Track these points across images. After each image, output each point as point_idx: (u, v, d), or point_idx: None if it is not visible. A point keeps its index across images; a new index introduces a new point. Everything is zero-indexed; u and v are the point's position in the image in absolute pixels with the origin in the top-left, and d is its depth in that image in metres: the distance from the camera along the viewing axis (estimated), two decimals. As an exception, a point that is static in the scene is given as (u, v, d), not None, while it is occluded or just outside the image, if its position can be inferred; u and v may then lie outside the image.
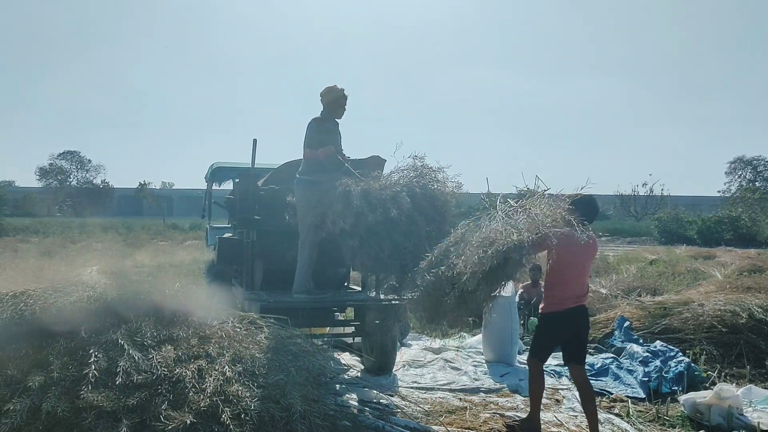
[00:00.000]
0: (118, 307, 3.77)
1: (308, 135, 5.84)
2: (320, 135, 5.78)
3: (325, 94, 5.90)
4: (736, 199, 43.63)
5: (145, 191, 58.96)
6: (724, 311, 7.02)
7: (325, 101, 5.91)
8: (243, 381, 3.46)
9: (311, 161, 5.79)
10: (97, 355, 3.30)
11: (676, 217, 35.37)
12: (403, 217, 4.95)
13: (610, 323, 7.80)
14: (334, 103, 5.90)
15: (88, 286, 3.88)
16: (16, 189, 67.96)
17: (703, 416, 4.92)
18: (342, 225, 5.06)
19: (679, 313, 7.27)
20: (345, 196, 5.10)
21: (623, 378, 6.06)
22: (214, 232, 9.01)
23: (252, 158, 6.48)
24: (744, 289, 7.99)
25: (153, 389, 3.26)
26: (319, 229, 5.57)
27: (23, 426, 3.04)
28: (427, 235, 5.02)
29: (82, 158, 68.16)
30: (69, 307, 3.63)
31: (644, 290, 10.38)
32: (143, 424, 3.12)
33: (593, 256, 4.61)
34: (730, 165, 63.55)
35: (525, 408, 5.32)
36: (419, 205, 5.14)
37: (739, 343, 6.66)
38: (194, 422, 3.09)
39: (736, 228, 31.88)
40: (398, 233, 4.92)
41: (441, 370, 6.52)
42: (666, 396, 5.58)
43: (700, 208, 45.11)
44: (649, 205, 52.86)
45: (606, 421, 4.97)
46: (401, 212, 4.92)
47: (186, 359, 3.52)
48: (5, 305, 3.58)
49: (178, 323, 3.86)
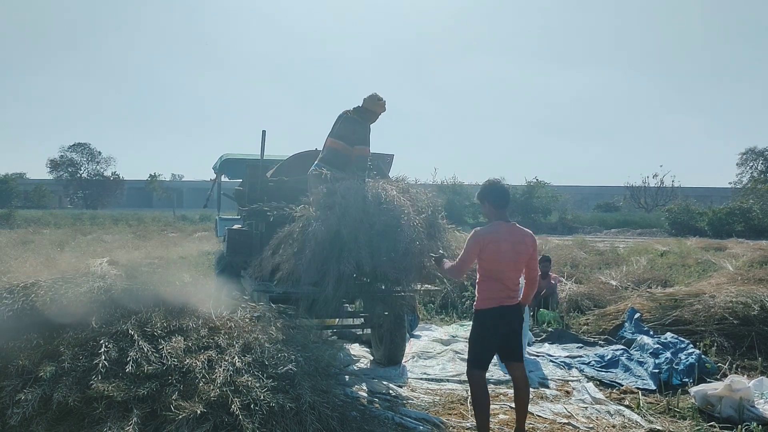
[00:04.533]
0: (128, 298, 3.78)
1: (333, 125, 6.11)
2: (340, 129, 6.04)
3: (368, 99, 6.13)
4: (747, 191, 43.23)
5: (155, 183, 59.26)
6: (736, 303, 6.97)
7: (364, 104, 6.14)
8: (253, 372, 3.46)
9: (329, 149, 6.02)
10: (107, 346, 3.31)
11: (686, 208, 35.17)
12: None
13: (620, 315, 7.77)
14: (369, 110, 6.15)
15: (98, 277, 3.89)
16: (27, 181, 68.38)
17: (714, 408, 4.89)
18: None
19: (690, 305, 7.23)
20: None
21: (633, 369, 6.03)
22: (223, 223, 9.03)
23: (261, 150, 6.48)
24: (756, 280, 7.93)
25: (163, 379, 3.27)
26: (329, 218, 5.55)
27: (35, 415, 3.06)
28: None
29: (92, 150, 68.25)
30: (80, 298, 3.64)
31: (654, 282, 10.34)
32: (154, 414, 3.13)
33: (526, 252, 4.29)
34: (741, 156, 62.98)
35: (535, 399, 5.31)
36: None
37: (751, 334, 6.62)
38: (204, 412, 3.09)
39: (748, 219, 31.67)
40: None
41: (450, 362, 6.52)
42: (676, 388, 5.56)
43: (711, 199, 44.87)
44: (659, 197, 52.56)
45: (616, 413, 4.96)
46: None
47: (196, 350, 3.53)
48: (17, 296, 3.60)
49: (188, 314, 3.87)
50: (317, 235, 5.00)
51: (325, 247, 5.01)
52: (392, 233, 5.05)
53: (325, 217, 5.12)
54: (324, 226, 5.03)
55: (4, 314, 3.48)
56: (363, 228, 5.06)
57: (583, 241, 20.99)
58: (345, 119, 6.07)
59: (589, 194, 62.65)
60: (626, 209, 52.19)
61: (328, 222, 5.06)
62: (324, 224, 5.05)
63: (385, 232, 5.07)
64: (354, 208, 5.13)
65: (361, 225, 5.07)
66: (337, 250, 5.00)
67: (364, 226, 5.07)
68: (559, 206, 42.82)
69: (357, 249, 4.94)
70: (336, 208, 5.14)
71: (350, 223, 5.06)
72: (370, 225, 5.09)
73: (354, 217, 5.09)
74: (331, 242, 5.03)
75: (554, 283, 9.21)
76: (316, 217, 5.19)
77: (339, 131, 6.05)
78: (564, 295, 9.33)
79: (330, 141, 6.10)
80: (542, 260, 9.48)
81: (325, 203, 5.28)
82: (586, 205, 55.87)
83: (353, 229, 5.04)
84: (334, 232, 5.04)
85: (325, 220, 5.09)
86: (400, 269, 5.02)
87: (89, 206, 62.30)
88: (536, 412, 4.95)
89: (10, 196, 56.23)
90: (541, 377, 6.02)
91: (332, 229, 5.04)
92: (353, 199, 5.21)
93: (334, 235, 5.04)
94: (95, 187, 66.97)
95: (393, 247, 4.99)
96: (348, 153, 6.02)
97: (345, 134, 6.02)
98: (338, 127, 6.08)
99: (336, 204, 5.17)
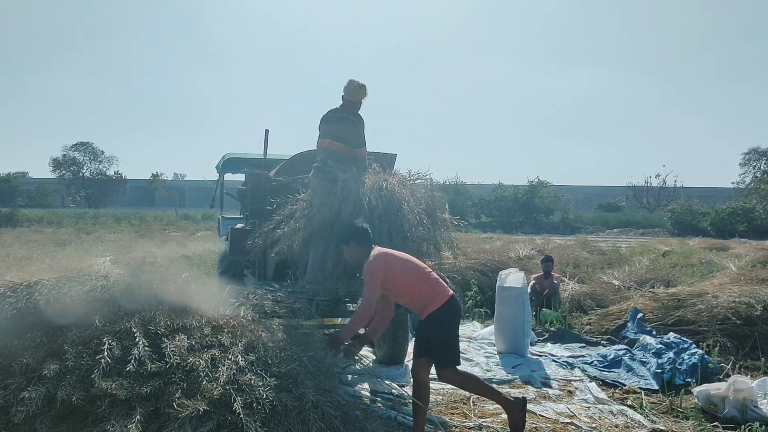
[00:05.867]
0: (130, 296, 3.78)
1: (324, 125, 6.02)
2: (337, 129, 5.95)
3: (348, 90, 6.04)
4: (750, 191, 43.12)
5: (157, 182, 59.23)
6: (739, 303, 6.97)
7: (346, 96, 6.07)
8: (256, 370, 3.46)
9: (328, 151, 5.97)
10: (110, 344, 3.31)
11: (689, 208, 35.17)
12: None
13: (623, 315, 7.77)
14: (352, 101, 6.06)
15: (101, 276, 3.89)
16: (29, 180, 68.45)
17: (717, 408, 4.89)
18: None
19: (693, 305, 7.22)
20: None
21: (636, 369, 6.03)
22: (226, 223, 9.04)
23: (264, 149, 6.48)
24: (759, 280, 7.93)
25: (167, 378, 3.27)
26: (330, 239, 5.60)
27: (39, 413, 3.06)
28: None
29: (95, 149, 68.31)
30: (83, 296, 3.64)
31: (657, 282, 10.32)
32: (157, 412, 3.13)
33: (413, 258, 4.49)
34: (744, 156, 62.87)
35: (537, 399, 5.31)
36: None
37: (754, 335, 6.62)
38: (207, 410, 3.10)
39: (751, 219, 31.65)
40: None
41: (453, 361, 6.51)
42: (679, 388, 5.55)
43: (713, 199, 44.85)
44: (662, 197, 52.55)
45: (619, 413, 4.95)
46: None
47: (199, 348, 3.53)
48: (20, 295, 3.60)
49: (191, 313, 3.87)
50: (318, 215, 5.27)
51: (325, 226, 5.26)
52: (392, 217, 5.26)
53: (326, 200, 5.34)
54: (325, 208, 5.28)
55: (7, 313, 3.48)
56: (363, 212, 5.20)
57: (586, 241, 20.99)
58: (339, 119, 5.94)
59: (591, 194, 62.61)
60: (629, 209, 52.16)
61: (330, 204, 5.29)
62: (325, 206, 5.29)
63: (385, 215, 5.25)
64: (354, 193, 5.32)
65: (361, 209, 5.22)
66: (337, 229, 5.18)
67: (364, 210, 5.21)
68: (562, 206, 42.83)
69: None
70: (337, 194, 5.33)
71: (350, 206, 5.25)
72: (370, 210, 5.23)
73: (354, 202, 5.27)
74: (331, 224, 5.26)
75: (557, 282, 9.21)
76: (317, 200, 5.41)
77: (336, 132, 5.92)
78: (566, 295, 9.33)
79: (327, 143, 5.96)
80: (545, 260, 9.50)
81: (328, 190, 5.44)
82: (589, 205, 55.85)
83: (353, 211, 5.21)
84: (335, 214, 5.24)
85: (326, 203, 5.32)
86: (399, 244, 5.13)
87: (92, 205, 62.35)
88: (539, 412, 4.95)
89: (13, 195, 56.32)
90: (544, 377, 6.01)
91: (333, 211, 5.25)
92: (353, 185, 5.40)
93: (334, 216, 5.24)
94: (98, 187, 67.06)
95: (393, 228, 5.19)
96: (347, 154, 5.96)
97: (344, 135, 5.92)
98: (334, 128, 5.95)
99: (337, 190, 5.37)
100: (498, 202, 41.93)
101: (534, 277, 9.25)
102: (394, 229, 5.23)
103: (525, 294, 7.03)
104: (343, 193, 5.34)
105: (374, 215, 5.23)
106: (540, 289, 9.04)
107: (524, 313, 6.85)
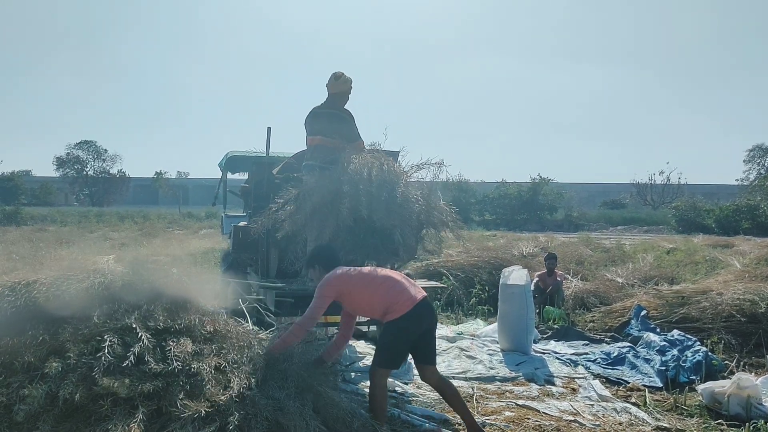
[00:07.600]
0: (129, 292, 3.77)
1: (312, 123, 6.02)
2: (313, 124, 5.97)
3: (332, 83, 6.01)
4: (754, 188, 42.98)
5: (160, 181, 59.31)
6: (743, 300, 6.94)
7: (331, 90, 6.04)
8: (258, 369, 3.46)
9: (309, 148, 6.04)
10: (112, 341, 3.30)
11: (693, 205, 35.07)
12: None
13: (626, 312, 7.75)
14: (338, 94, 6.04)
15: (100, 273, 3.87)
16: (33, 179, 68.54)
17: (721, 406, 4.87)
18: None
19: (697, 303, 7.20)
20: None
21: (640, 367, 6.01)
22: (229, 221, 9.05)
23: (267, 147, 6.47)
24: (763, 278, 7.90)
25: (169, 378, 3.26)
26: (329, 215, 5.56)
27: (41, 412, 3.06)
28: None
29: (98, 148, 68.43)
30: (81, 293, 3.63)
31: (661, 279, 10.31)
32: (159, 411, 3.12)
33: (381, 270, 4.41)
34: (748, 153, 62.82)
35: (541, 397, 5.30)
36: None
37: (758, 332, 6.60)
38: (210, 413, 3.09)
39: (755, 217, 31.49)
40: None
41: (456, 359, 6.51)
42: (683, 385, 5.54)
43: (717, 196, 44.70)
44: (666, 194, 52.43)
45: (623, 410, 4.94)
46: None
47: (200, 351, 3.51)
48: (19, 293, 3.59)
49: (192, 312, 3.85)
50: (318, 191, 5.38)
51: (326, 202, 5.30)
52: (390, 188, 5.31)
53: (325, 180, 5.43)
54: (324, 186, 5.37)
55: (6, 311, 3.47)
56: (362, 182, 5.26)
57: (589, 239, 20.93)
58: (329, 115, 5.90)
59: (595, 191, 62.52)
60: (632, 206, 52.03)
61: (329, 180, 5.39)
62: (324, 184, 5.38)
63: (382, 185, 5.31)
64: (352, 171, 5.38)
65: (361, 179, 5.28)
66: (336, 204, 5.22)
67: (363, 181, 5.28)
68: (565, 203, 42.74)
69: (357, 196, 5.15)
70: (335, 173, 5.45)
71: (348, 180, 5.31)
72: (369, 181, 5.29)
73: (352, 178, 5.32)
74: (332, 200, 5.29)
75: (560, 280, 9.19)
76: (316, 182, 5.52)
77: (326, 128, 5.87)
78: (570, 293, 9.31)
79: (318, 139, 5.91)
80: (548, 257, 9.49)
81: (326, 175, 5.54)
82: (592, 203, 55.72)
83: (352, 181, 5.28)
84: (335, 189, 5.30)
85: (326, 182, 5.40)
86: (396, 217, 5.20)
87: (95, 203, 62.47)
88: (542, 410, 4.93)
89: (17, 193, 56.32)
90: (547, 374, 6.00)
91: (333, 186, 5.32)
92: (350, 163, 5.46)
93: (334, 192, 5.30)
94: (101, 185, 67.21)
95: (390, 197, 5.24)
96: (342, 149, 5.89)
97: (336, 131, 5.85)
98: (323, 124, 5.90)
99: (334, 170, 5.47)
100: (501, 199, 41.85)
101: (537, 275, 9.23)
102: (390, 196, 5.26)
103: (528, 291, 7.01)
104: (341, 170, 5.42)
105: (373, 185, 5.25)
106: (543, 286, 9.02)
107: (527, 310, 6.83)
